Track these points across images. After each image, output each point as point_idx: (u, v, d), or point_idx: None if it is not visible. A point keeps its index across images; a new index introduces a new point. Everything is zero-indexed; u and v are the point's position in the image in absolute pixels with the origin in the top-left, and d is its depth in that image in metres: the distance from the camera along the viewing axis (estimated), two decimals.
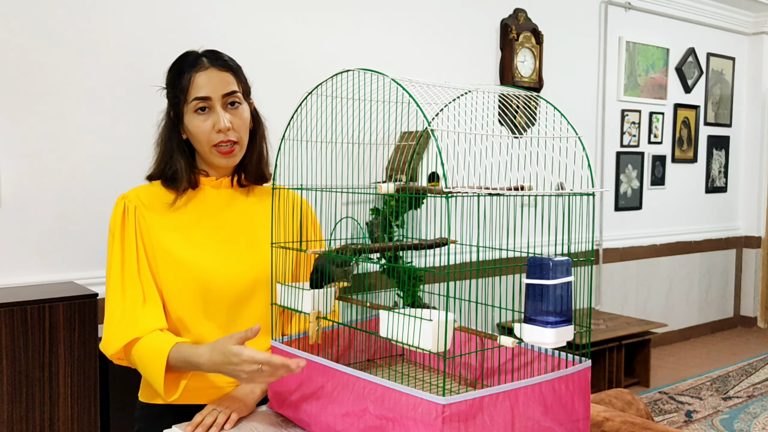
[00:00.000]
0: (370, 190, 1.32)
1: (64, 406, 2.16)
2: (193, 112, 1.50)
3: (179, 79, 1.51)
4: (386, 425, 1.08)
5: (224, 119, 1.48)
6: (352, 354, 1.46)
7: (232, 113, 1.51)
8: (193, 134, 1.51)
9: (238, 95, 1.52)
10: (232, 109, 1.51)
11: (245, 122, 1.54)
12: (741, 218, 5.70)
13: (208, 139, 1.50)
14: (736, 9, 5.28)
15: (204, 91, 1.49)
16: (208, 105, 1.49)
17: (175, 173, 1.53)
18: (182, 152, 1.55)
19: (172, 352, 1.39)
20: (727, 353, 4.91)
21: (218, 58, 1.53)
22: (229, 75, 1.52)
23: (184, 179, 1.53)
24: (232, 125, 1.50)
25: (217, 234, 1.54)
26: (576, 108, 4.37)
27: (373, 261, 1.27)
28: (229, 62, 1.54)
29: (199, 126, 1.50)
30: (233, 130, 1.50)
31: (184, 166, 1.54)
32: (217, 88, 1.49)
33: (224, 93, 1.50)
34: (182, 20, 2.77)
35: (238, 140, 1.52)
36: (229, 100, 1.51)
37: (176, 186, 1.53)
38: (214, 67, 1.51)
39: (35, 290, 2.31)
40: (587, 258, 1.15)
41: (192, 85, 1.49)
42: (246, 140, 1.56)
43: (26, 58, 2.46)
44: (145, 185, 1.58)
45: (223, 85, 1.50)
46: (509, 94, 1.32)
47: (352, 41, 3.32)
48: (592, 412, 1.56)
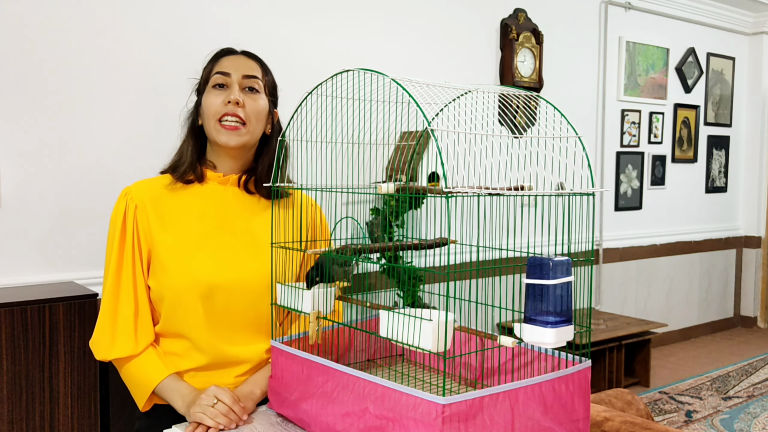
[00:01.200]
0: (370, 190, 1.32)
1: (64, 406, 2.16)
2: (211, 87, 1.54)
3: (209, 63, 1.58)
4: (386, 425, 1.08)
5: (237, 93, 1.52)
6: (352, 354, 1.46)
7: (247, 95, 1.54)
8: (205, 109, 1.54)
9: (257, 82, 1.56)
10: (249, 93, 1.55)
11: (259, 110, 1.55)
12: (741, 218, 5.70)
13: (216, 111, 1.52)
14: (736, 9, 5.28)
15: (226, 67, 1.54)
16: (226, 82, 1.53)
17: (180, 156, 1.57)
18: (195, 137, 1.58)
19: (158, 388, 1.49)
20: (727, 353, 4.91)
21: (250, 53, 1.61)
22: (255, 63, 1.58)
23: (188, 161, 1.54)
24: (244, 104, 1.52)
25: (219, 233, 1.53)
26: (576, 108, 4.37)
27: (373, 261, 1.27)
28: (261, 60, 1.61)
29: (212, 100, 1.53)
30: (243, 109, 1.52)
31: (191, 149, 1.56)
32: (239, 68, 1.54)
33: (245, 74, 1.54)
34: (184, 22, 2.77)
35: (246, 121, 1.53)
36: (249, 83, 1.54)
37: (179, 170, 1.55)
38: (245, 55, 1.59)
39: (35, 290, 2.31)
40: (587, 258, 1.15)
41: (217, 64, 1.56)
42: (256, 130, 1.56)
43: (26, 58, 2.46)
44: (152, 178, 1.58)
45: (246, 68, 1.55)
46: (509, 94, 1.32)
47: (352, 41, 3.32)
48: (592, 412, 1.56)
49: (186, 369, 1.51)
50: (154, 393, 1.50)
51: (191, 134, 1.58)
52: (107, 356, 1.51)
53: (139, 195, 1.52)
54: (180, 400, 1.44)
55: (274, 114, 1.62)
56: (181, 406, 1.44)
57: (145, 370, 1.49)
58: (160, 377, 1.48)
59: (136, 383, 1.51)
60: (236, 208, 1.56)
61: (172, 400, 1.47)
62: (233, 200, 1.57)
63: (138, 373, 1.50)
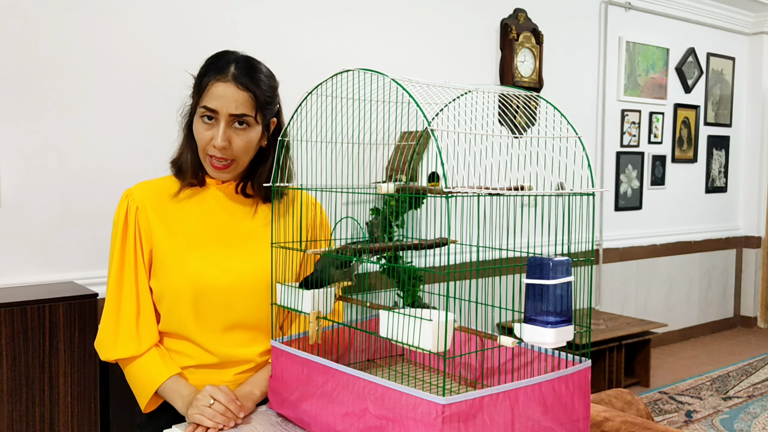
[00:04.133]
0: (370, 190, 1.32)
1: (64, 406, 2.16)
2: (199, 117, 1.49)
3: (201, 79, 1.48)
4: (386, 425, 1.08)
5: (222, 138, 1.45)
6: (352, 354, 1.46)
7: (236, 133, 1.47)
8: (195, 137, 1.52)
9: (248, 118, 1.47)
10: (239, 129, 1.47)
11: (248, 145, 1.49)
12: (741, 218, 5.70)
13: (205, 147, 1.50)
14: (736, 9, 5.28)
15: (214, 103, 1.45)
16: (214, 116, 1.46)
17: (182, 164, 1.55)
18: (192, 148, 1.55)
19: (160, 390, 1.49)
20: (727, 353, 4.91)
21: (245, 75, 1.46)
22: (247, 96, 1.46)
23: (189, 172, 1.54)
24: (230, 144, 1.47)
25: (220, 235, 1.54)
26: (576, 108, 4.37)
27: (373, 261, 1.27)
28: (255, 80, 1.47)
29: (201, 132, 1.49)
30: (230, 150, 1.47)
31: (191, 160, 1.54)
32: (227, 105, 1.45)
33: (231, 113, 1.46)
34: (185, 22, 2.77)
35: (235, 158, 1.50)
36: (237, 120, 1.47)
37: (182, 177, 1.55)
38: (235, 82, 1.45)
39: (35, 290, 2.31)
40: (587, 258, 1.15)
41: (207, 92, 1.46)
42: (246, 160, 1.52)
43: (27, 58, 2.46)
44: (154, 179, 1.59)
45: (234, 106, 1.45)
46: (509, 94, 1.32)
47: (352, 41, 3.32)
48: (592, 412, 1.56)
49: (186, 366, 1.53)
50: (156, 394, 1.50)
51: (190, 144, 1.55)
52: (111, 356, 1.52)
53: (140, 196, 1.53)
54: (180, 401, 1.45)
55: (270, 124, 1.55)
56: (181, 407, 1.45)
57: (147, 371, 1.50)
58: (161, 378, 1.48)
59: (138, 384, 1.52)
60: (235, 211, 1.57)
61: (173, 401, 1.48)
62: (232, 203, 1.57)
63: (140, 374, 1.51)
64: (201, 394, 1.38)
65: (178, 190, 1.55)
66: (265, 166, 1.56)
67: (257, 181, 1.56)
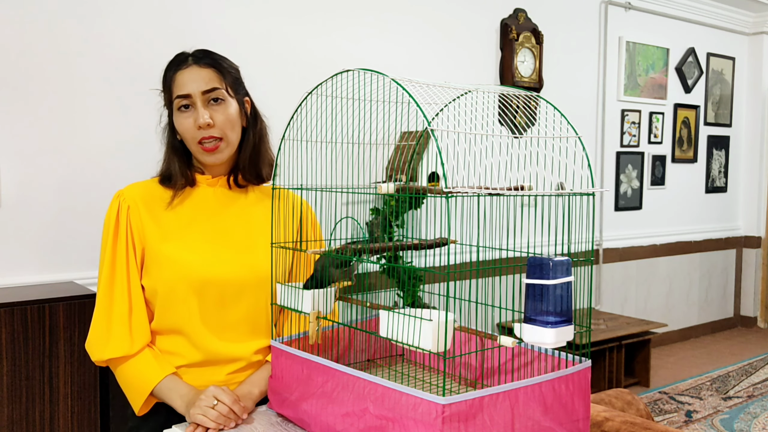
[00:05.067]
0: (370, 190, 1.32)
1: (64, 406, 2.16)
2: (177, 110, 1.52)
3: (166, 80, 1.54)
4: (386, 425, 1.08)
5: (203, 116, 1.48)
6: (352, 354, 1.46)
7: (214, 109, 1.51)
8: (181, 133, 1.53)
9: (220, 92, 1.51)
10: (215, 105, 1.51)
11: (230, 119, 1.52)
12: (741, 218, 5.70)
13: (193, 136, 1.51)
14: (736, 9, 5.28)
15: (184, 89, 1.50)
16: (190, 102, 1.50)
17: (170, 175, 1.55)
18: (176, 152, 1.56)
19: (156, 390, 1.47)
20: (727, 353, 4.91)
21: (204, 56, 1.53)
22: (212, 71, 1.51)
23: (178, 179, 1.54)
24: (213, 121, 1.50)
25: (212, 233, 1.54)
26: (576, 108, 4.37)
27: (373, 261, 1.27)
28: (215, 59, 1.53)
29: (182, 123, 1.51)
30: (215, 127, 1.50)
31: (178, 166, 1.55)
32: (198, 84, 1.50)
33: (204, 90, 1.50)
34: (184, 21, 2.77)
35: (223, 136, 1.52)
36: (211, 96, 1.51)
37: (171, 185, 1.55)
38: (197, 64, 1.51)
39: (35, 290, 2.31)
40: (587, 258, 1.15)
41: (174, 84, 1.51)
42: (234, 137, 1.55)
43: (26, 59, 2.46)
44: (144, 181, 1.59)
45: (204, 82, 1.50)
46: (509, 94, 1.32)
47: (352, 41, 3.32)
48: (592, 412, 1.56)
49: (179, 365, 1.51)
50: (152, 395, 1.48)
51: (174, 151, 1.56)
52: (103, 356, 1.49)
53: (132, 196, 1.53)
54: (179, 399, 1.44)
55: (245, 103, 1.59)
56: (180, 406, 1.43)
57: (141, 371, 1.48)
58: (157, 378, 1.47)
59: (132, 385, 1.49)
60: (227, 205, 1.58)
61: (171, 400, 1.46)
62: (223, 198, 1.58)
63: (134, 375, 1.48)
64: (204, 394, 1.37)
65: (171, 198, 1.54)
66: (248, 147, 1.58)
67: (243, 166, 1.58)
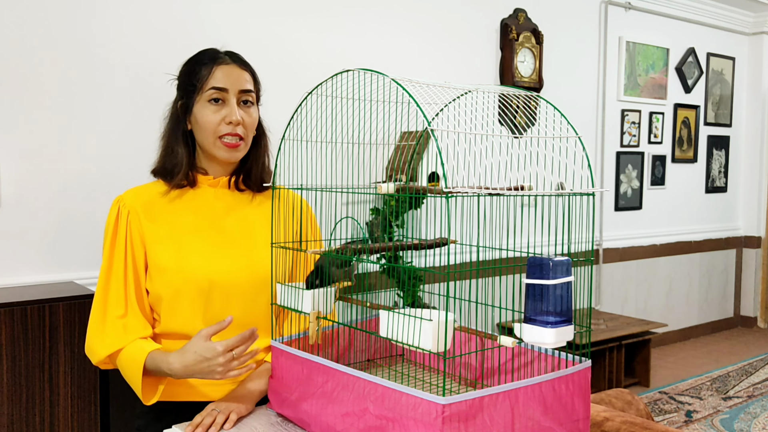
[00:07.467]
0: (370, 190, 1.32)
1: (64, 406, 2.16)
2: (206, 101, 1.52)
3: (198, 69, 1.54)
4: (386, 425, 1.08)
5: (237, 113, 1.52)
6: (352, 354, 1.46)
7: (244, 110, 1.55)
8: (201, 124, 1.53)
9: (252, 95, 1.57)
10: (245, 107, 1.56)
11: (254, 123, 1.58)
12: (741, 218, 5.70)
13: (215, 130, 1.52)
14: (736, 9, 5.28)
15: (223, 82, 1.53)
16: (222, 97, 1.53)
17: (174, 165, 1.55)
18: (185, 144, 1.57)
19: (147, 361, 1.43)
20: (727, 353, 4.91)
21: (240, 59, 1.58)
22: (248, 74, 1.57)
23: (182, 170, 1.54)
24: (243, 121, 1.53)
25: (214, 235, 1.54)
26: (576, 108, 4.37)
27: (373, 261, 1.27)
28: (249, 64, 1.60)
29: (208, 116, 1.52)
30: (242, 126, 1.54)
31: (185, 157, 1.55)
32: (236, 82, 1.54)
33: (241, 89, 1.54)
34: (184, 21, 2.77)
35: (244, 137, 1.55)
36: (244, 97, 1.55)
37: (173, 176, 1.54)
38: (235, 64, 1.56)
39: (35, 290, 2.31)
40: (587, 258, 1.15)
41: (212, 76, 1.53)
42: (249, 140, 1.58)
43: (27, 59, 2.46)
44: (143, 185, 1.59)
45: (242, 82, 1.54)
46: (509, 94, 1.32)
47: (352, 41, 3.32)
48: (592, 412, 1.56)
49: None
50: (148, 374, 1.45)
51: (183, 141, 1.56)
52: (101, 354, 1.47)
53: (131, 202, 1.53)
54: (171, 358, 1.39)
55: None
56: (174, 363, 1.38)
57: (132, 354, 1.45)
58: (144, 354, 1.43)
59: (129, 371, 1.46)
60: (228, 208, 1.58)
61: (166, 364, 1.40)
62: (224, 200, 1.58)
63: (128, 360, 1.46)
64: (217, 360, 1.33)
65: (168, 189, 1.54)
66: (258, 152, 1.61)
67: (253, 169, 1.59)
